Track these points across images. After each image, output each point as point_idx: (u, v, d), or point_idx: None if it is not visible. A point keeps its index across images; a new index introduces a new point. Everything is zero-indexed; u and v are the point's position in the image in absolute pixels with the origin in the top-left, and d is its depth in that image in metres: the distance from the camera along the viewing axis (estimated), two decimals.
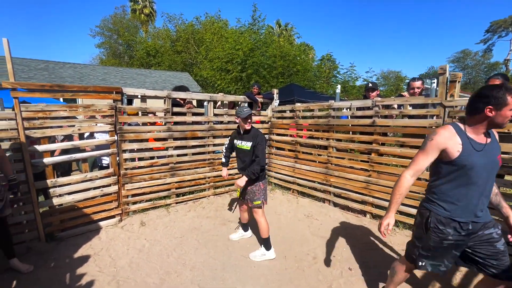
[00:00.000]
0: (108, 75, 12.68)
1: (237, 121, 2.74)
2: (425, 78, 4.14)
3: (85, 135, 3.56)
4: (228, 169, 3.34)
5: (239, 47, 10.36)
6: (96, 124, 3.38)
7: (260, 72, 10.18)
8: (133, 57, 23.01)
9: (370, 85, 3.81)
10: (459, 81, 2.81)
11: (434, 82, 2.95)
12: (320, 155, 4.45)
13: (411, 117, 3.28)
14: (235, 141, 2.88)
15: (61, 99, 8.25)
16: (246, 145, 2.74)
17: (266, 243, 2.85)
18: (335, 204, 4.22)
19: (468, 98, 1.60)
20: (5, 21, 45.78)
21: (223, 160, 3.14)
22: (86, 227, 3.37)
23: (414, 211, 3.22)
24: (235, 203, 3.20)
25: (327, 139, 4.21)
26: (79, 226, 3.36)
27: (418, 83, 3.38)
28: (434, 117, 3.00)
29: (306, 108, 4.51)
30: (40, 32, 54.11)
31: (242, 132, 2.78)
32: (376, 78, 12.41)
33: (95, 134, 3.90)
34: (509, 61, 28.62)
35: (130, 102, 4.11)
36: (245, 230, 3.30)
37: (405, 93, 3.40)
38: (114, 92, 3.45)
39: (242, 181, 2.63)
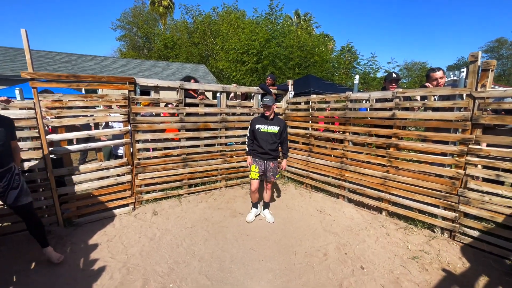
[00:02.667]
0: (127, 67, 12.98)
1: (265, 108, 3.28)
2: (453, 70, 3.80)
3: (101, 125, 3.65)
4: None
5: (255, 37, 10.17)
6: (110, 114, 3.43)
7: (276, 63, 9.97)
8: (152, 50, 23.41)
9: (395, 75, 3.55)
10: (492, 70, 2.55)
11: (463, 71, 2.70)
12: (335, 149, 4.28)
13: (435, 109, 3.04)
14: (258, 126, 3.33)
15: (83, 90, 8.56)
16: (274, 129, 3.31)
17: (268, 204, 3.71)
18: (350, 200, 4.07)
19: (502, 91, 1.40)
20: (32, 15, 48.13)
21: (247, 148, 3.51)
22: (101, 214, 3.48)
23: (434, 210, 3.03)
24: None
25: (343, 132, 4.03)
26: (95, 213, 3.47)
27: (439, 73, 3.09)
28: (462, 110, 2.75)
29: (322, 100, 4.34)
30: (66, 27, 56.48)
31: (267, 118, 3.30)
32: (399, 69, 11.78)
33: (112, 124, 3.98)
34: None
35: (148, 94, 4.15)
36: (257, 207, 3.64)
37: (428, 84, 3.14)
38: (127, 83, 3.47)
39: (285, 163, 3.58)
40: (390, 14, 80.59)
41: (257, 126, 3.33)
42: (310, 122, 4.63)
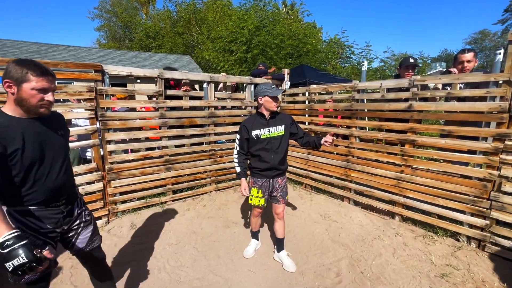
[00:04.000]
0: (104, 58, 11.98)
1: (261, 102, 2.19)
2: (438, 61, 3.36)
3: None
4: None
5: (244, 24, 9.48)
6: (72, 110, 2.79)
7: (266, 52, 9.36)
8: (133, 40, 22.10)
9: (412, 60, 3.04)
10: None
11: (499, 53, 2.26)
12: (338, 145, 3.82)
13: (461, 99, 2.61)
14: (256, 132, 2.22)
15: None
16: (279, 130, 2.26)
17: (283, 242, 2.53)
18: (356, 203, 3.65)
19: None
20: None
21: (239, 168, 2.35)
22: None
23: (459, 216, 2.63)
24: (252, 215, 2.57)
25: (348, 127, 3.56)
26: None
27: (469, 55, 2.63)
28: (497, 99, 2.33)
29: (323, 91, 3.84)
30: (37, 14, 52.85)
31: (268, 117, 2.24)
32: (380, 60, 11.36)
33: (77, 121, 3.33)
34: None
35: (124, 86, 3.53)
36: (258, 239, 2.74)
37: (453, 69, 2.70)
38: (93, 71, 2.84)
39: (328, 137, 2.19)
40: (377, 7, 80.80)
41: (254, 132, 2.21)
42: (308, 116, 4.14)
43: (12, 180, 1.21)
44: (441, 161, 2.82)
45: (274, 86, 2.20)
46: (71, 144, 2.85)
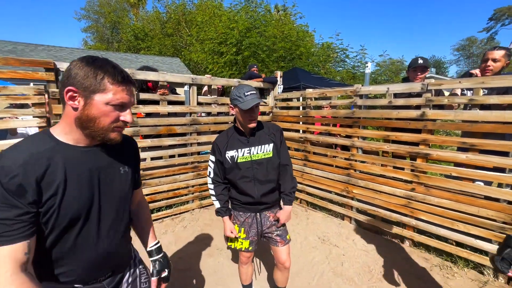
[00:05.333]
0: None
1: (233, 112, 1.56)
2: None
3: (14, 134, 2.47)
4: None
5: (234, 25, 9.06)
6: (16, 118, 2.26)
7: (258, 54, 8.95)
8: (120, 41, 21.40)
9: (421, 61, 2.63)
10: None
11: None
12: (335, 156, 3.40)
13: (484, 107, 2.22)
14: (232, 153, 1.57)
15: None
16: (264, 150, 1.59)
17: None
18: (358, 223, 3.21)
19: None
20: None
21: (218, 203, 1.65)
22: None
23: (483, 245, 2.22)
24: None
25: (349, 136, 3.15)
26: None
27: (499, 53, 2.22)
28: None
29: (321, 96, 3.41)
30: (19, 14, 51.29)
31: (248, 133, 1.58)
32: (374, 65, 11.17)
33: (27, 131, 2.79)
34: None
35: None
36: None
37: (476, 71, 2.31)
38: (44, 70, 2.32)
39: (287, 214, 1.68)
40: (363, 10, 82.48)
41: (229, 153, 1.57)
42: (303, 123, 3.70)
43: (40, 243, 0.75)
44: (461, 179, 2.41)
45: (250, 92, 1.46)
46: None
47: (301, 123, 3.76)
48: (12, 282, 0.64)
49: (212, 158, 1.64)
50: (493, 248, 2.18)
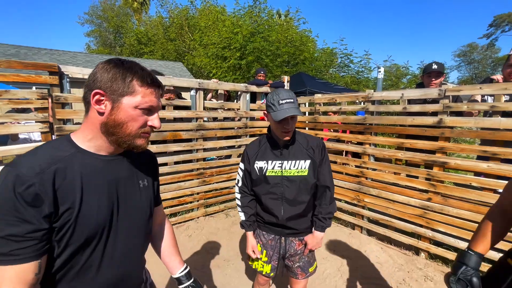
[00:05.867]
0: (90, 63, 11.30)
1: (267, 119, 1.37)
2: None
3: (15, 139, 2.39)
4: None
5: (238, 30, 9.04)
6: (17, 123, 2.18)
7: (262, 59, 8.91)
8: (123, 45, 21.50)
9: (435, 66, 2.55)
10: None
11: None
12: (347, 164, 3.30)
13: (507, 114, 2.13)
14: (261, 164, 1.40)
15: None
16: (301, 167, 1.37)
17: None
18: (370, 233, 3.10)
19: None
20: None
21: (243, 215, 1.50)
22: None
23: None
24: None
25: (360, 143, 3.05)
26: None
27: None
28: None
29: (330, 101, 3.33)
30: (24, 18, 51.87)
31: (282, 145, 1.39)
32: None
33: (30, 136, 2.70)
34: None
35: None
36: None
37: (497, 77, 2.23)
38: (48, 73, 2.24)
39: (317, 240, 1.43)
40: (364, 18, 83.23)
41: (258, 164, 1.41)
42: (310, 129, 3.61)
43: (50, 262, 0.67)
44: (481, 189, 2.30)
45: (287, 100, 1.26)
46: None
47: (307, 128, 3.67)
48: None
49: (242, 166, 1.49)
50: None
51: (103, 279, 0.75)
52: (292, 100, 1.26)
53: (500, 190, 2.16)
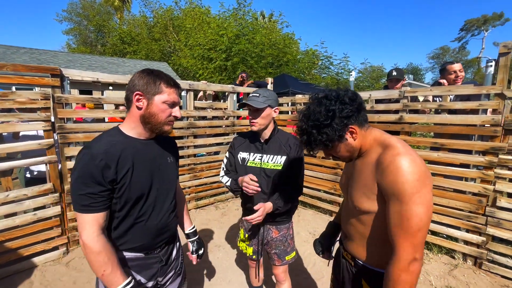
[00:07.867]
0: (72, 63, 11.11)
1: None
2: (406, 74, 3.42)
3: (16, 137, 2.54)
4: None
5: (223, 32, 9.29)
6: (19, 121, 2.35)
7: (247, 61, 9.21)
8: (105, 45, 21.03)
9: (395, 73, 2.99)
10: None
11: (491, 65, 2.22)
12: (324, 157, 3.66)
13: (452, 112, 2.56)
14: (244, 155, 1.58)
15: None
16: (277, 161, 1.50)
17: None
18: None
19: None
20: None
21: (229, 182, 1.57)
22: (12, 266, 2.37)
23: (454, 232, 2.53)
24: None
25: None
26: (2, 266, 2.35)
27: (457, 66, 2.63)
28: (488, 112, 2.28)
29: None
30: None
31: (263, 139, 1.54)
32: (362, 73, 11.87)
33: (37, 132, 2.85)
34: (481, 58, 29.59)
35: (90, 94, 3.14)
36: None
37: (443, 81, 2.66)
38: (50, 75, 2.42)
39: (266, 209, 1.42)
40: (344, 19, 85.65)
41: (241, 154, 1.59)
42: (286, 126, 3.96)
43: (112, 216, 0.99)
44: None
45: (253, 94, 1.47)
46: (19, 162, 2.40)
47: (286, 126, 4.02)
48: (98, 241, 0.88)
49: (227, 154, 1.68)
50: (461, 235, 2.49)
51: (152, 226, 1.05)
52: (257, 95, 1.45)
53: (448, 175, 2.58)
